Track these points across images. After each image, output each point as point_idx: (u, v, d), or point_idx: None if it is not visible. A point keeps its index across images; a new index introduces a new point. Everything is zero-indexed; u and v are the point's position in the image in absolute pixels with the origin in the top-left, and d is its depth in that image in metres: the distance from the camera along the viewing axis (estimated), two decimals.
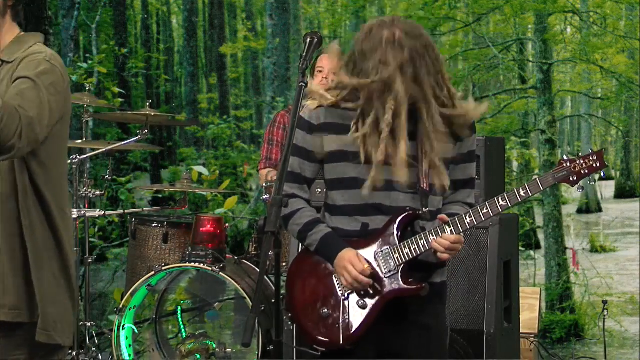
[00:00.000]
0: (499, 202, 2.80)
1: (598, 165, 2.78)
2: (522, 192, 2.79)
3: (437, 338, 2.96)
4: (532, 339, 5.06)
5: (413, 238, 2.83)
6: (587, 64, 11.82)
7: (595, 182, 2.79)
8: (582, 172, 2.78)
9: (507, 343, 4.39)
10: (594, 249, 14.08)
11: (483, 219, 2.82)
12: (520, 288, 4.75)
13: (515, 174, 12.53)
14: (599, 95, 13.50)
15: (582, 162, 2.78)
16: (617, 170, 19.50)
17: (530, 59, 12.06)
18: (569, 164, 2.79)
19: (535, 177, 2.80)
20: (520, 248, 7.47)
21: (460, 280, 4.21)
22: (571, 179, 2.78)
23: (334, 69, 4.95)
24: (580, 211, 18.11)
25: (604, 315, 5.26)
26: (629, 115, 15.45)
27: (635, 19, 12.01)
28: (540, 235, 11.82)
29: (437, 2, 10.90)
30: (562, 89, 13.29)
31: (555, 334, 9.08)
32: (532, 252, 11.48)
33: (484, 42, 11.48)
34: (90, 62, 9.83)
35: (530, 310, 5.26)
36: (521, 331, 4.80)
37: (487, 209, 2.80)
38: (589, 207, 17.96)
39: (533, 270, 10.68)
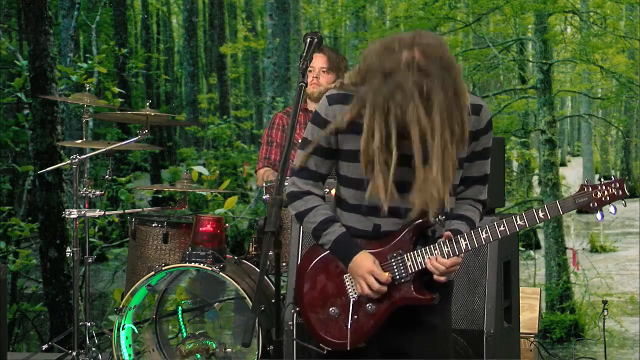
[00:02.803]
0: (516, 222, 2.80)
1: (620, 193, 2.79)
2: (541, 214, 2.79)
3: (442, 337, 2.96)
4: (532, 339, 5.06)
5: (427, 247, 2.82)
6: (587, 64, 11.82)
7: (615, 212, 2.80)
8: (603, 199, 2.80)
9: (507, 343, 4.39)
10: (594, 249, 14.06)
11: (500, 237, 2.81)
12: (520, 288, 4.74)
13: (515, 174, 12.53)
14: (599, 95, 13.50)
15: (604, 189, 2.79)
16: (617, 170, 19.48)
17: (530, 59, 12.06)
18: (590, 190, 2.80)
19: (556, 201, 2.78)
20: (520, 248, 7.48)
21: (460, 280, 4.20)
22: (592, 205, 2.80)
23: (325, 68, 5.00)
24: (580, 211, 18.07)
25: (604, 315, 5.25)
26: (629, 115, 15.43)
27: (635, 19, 12.01)
28: (540, 235, 11.82)
29: (437, 2, 10.89)
30: (562, 89, 13.29)
31: (555, 334, 9.07)
32: (532, 252, 11.47)
33: (484, 42, 11.48)
34: (90, 62, 9.83)
35: (530, 310, 5.25)
36: (521, 331, 4.80)
37: (504, 226, 2.80)
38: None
39: (533, 270, 10.67)
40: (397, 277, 2.83)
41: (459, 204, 2.94)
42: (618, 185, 2.79)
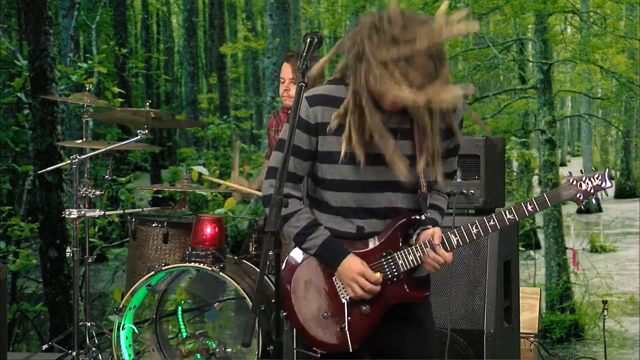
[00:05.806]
0: (506, 216, 2.88)
1: (603, 184, 2.93)
2: (529, 207, 2.88)
3: (429, 331, 2.99)
4: (532, 339, 5.06)
5: (417, 246, 2.83)
6: (587, 64, 11.84)
7: (600, 200, 2.95)
8: (589, 190, 2.93)
9: (507, 343, 4.39)
10: (594, 249, 14.09)
11: (490, 231, 2.89)
12: (520, 288, 4.75)
13: (515, 174, 12.55)
14: (599, 95, 13.52)
15: (588, 181, 2.93)
16: (617, 170, 19.50)
17: (530, 59, 12.08)
18: (575, 183, 2.93)
19: (543, 194, 2.93)
20: (520, 248, 7.48)
21: (460, 280, 4.21)
22: (578, 196, 2.93)
23: (294, 78, 4.86)
24: (580, 211, 18.11)
25: (604, 315, 5.26)
26: (629, 115, 15.44)
27: (635, 19, 12.03)
28: (540, 235, 11.84)
29: (437, 2, 10.89)
30: (562, 89, 13.31)
31: (555, 334, 9.09)
32: (532, 252, 11.49)
33: (484, 42, 11.49)
34: (90, 62, 9.83)
35: (530, 310, 5.26)
36: (521, 331, 4.80)
37: (494, 221, 2.87)
38: (589, 207, 17.97)
39: (533, 270, 10.69)
40: (389, 276, 2.84)
41: (430, 194, 2.98)
42: (601, 177, 2.93)
